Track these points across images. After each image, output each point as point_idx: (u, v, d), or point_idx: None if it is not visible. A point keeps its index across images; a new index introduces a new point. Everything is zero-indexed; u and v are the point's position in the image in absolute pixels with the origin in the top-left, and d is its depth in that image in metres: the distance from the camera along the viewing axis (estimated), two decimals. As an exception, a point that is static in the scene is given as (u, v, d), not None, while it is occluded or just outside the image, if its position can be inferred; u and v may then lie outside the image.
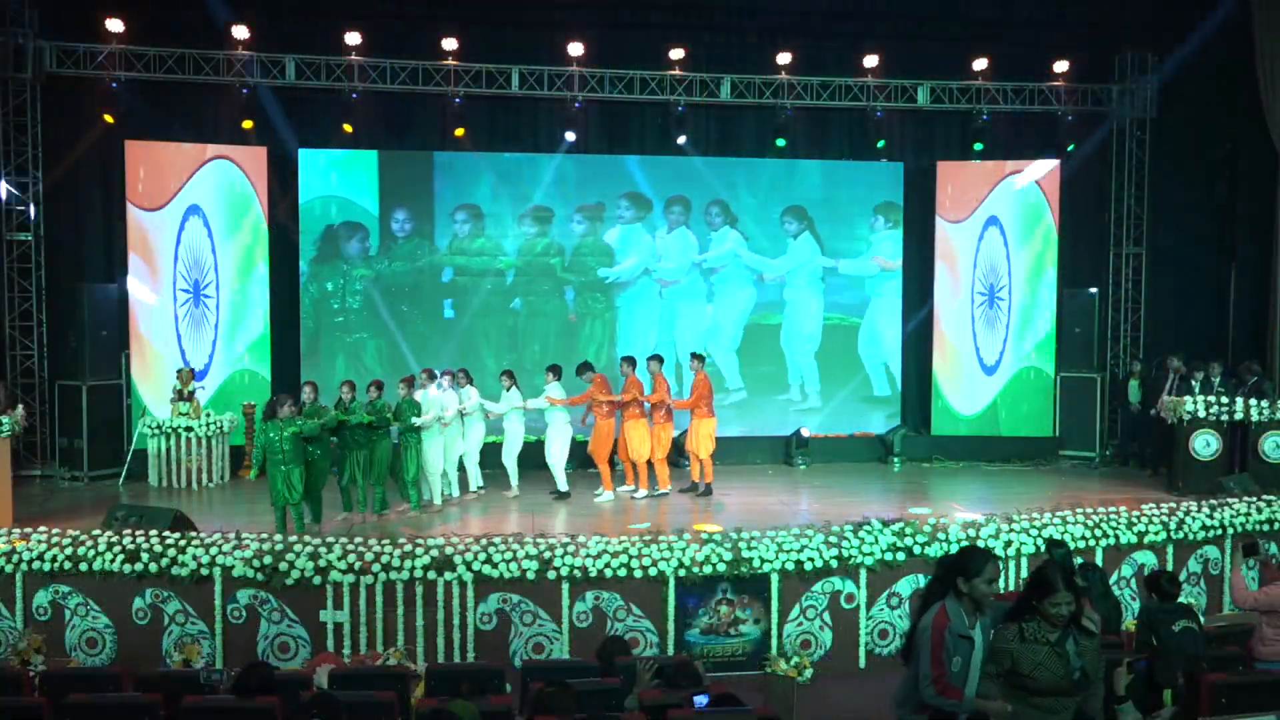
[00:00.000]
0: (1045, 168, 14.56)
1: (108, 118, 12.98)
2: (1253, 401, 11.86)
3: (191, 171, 13.33)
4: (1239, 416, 11.85)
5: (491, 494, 11.91)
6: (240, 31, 13.16)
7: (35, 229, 13.22)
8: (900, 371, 14.95)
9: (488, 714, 5.11)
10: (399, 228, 14.05)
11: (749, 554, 8.14)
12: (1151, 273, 15.07)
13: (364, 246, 14.00)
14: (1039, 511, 9.06)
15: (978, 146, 14.63)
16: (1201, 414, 11.94)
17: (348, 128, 13.57)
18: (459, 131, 13.66)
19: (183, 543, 8.02)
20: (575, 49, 13.72)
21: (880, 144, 14.58)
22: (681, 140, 14.20)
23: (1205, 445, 11.94)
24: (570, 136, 14.00)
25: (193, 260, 13.40)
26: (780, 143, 14.42)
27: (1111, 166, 15.07)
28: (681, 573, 8.03)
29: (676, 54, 13.99)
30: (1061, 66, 14.44)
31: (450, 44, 13.57)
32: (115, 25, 12.97)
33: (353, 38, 13.36)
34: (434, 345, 13.99)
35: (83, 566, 7.90)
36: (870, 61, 14.29)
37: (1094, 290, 14.82)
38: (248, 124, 13.33)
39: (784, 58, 14.17)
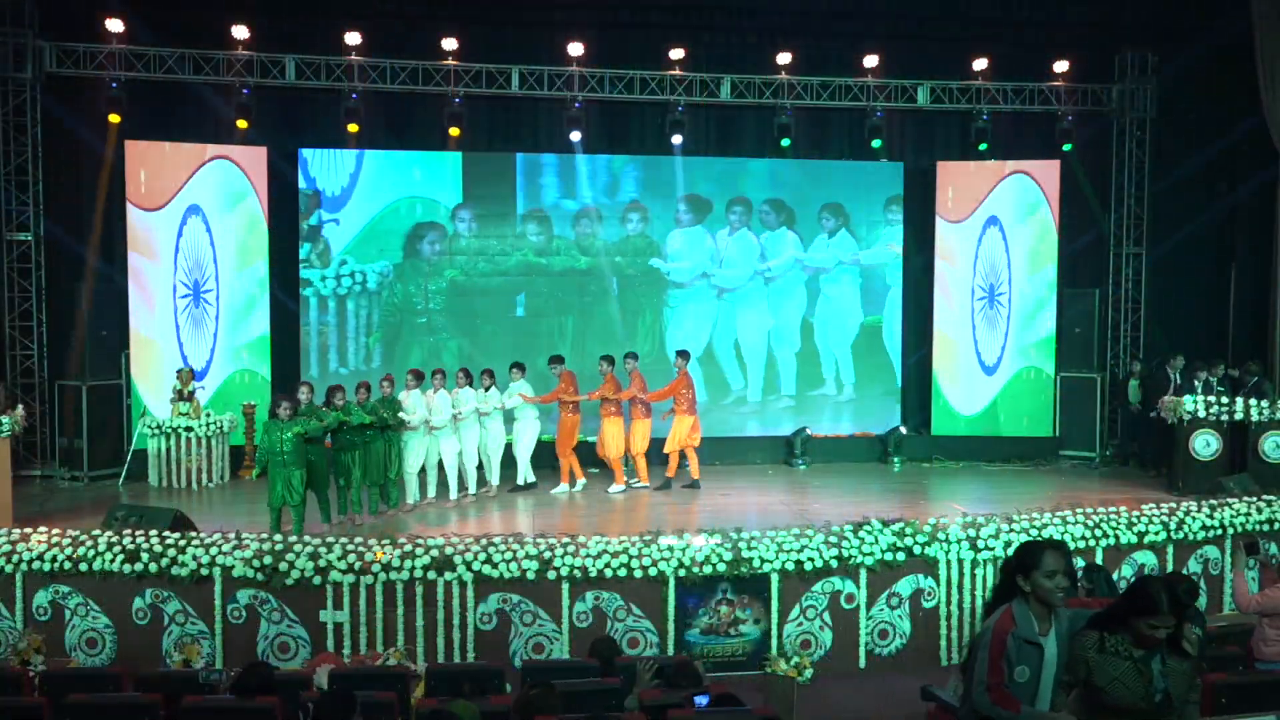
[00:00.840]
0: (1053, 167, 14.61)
1: (114, 117, 12.98)
2: (1253, 401, 11.87)
3: (191, 171, 13.32)
4: (1239, 416, 11.86)
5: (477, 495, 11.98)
6: (240, 31, 13.17)
7: (35, 229, 13.23)
8: (900, 372, 14.98)
9: (488, 714, 5.11)
10: (466, 227, 14.15)
11: (749, 554, 8.14)
12: (1151, 273, 15.07)
13: (440, 247, 14.11)
14: (1039, 511, 9.07)
15: (983, 147, 14.62)
16: (1201, 414, 11.95)
17: (353, 128, 13.57)
18: (454, 131, 13.69)
19: (183, 543, 8.02)
20: (575, 49, 13.73)
21: (876, 144, 14.57)
22: (677, 140, 14.21)
23: (1205, 445, 11.95)
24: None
25: (193, 260, 13.40)
26: (785, 143, 14.44)
27: (1111, 166, 15.08)
28: (681, 573, 8.04)
29: (676, 54, 14.00)
30: (1061, 66, 14.44)
31: (450, 44, 13.59)
32: (115, 25, 12.98)
33: (353, 38, 13.36)
34: (502, 343, 14.02)
35: (83, 566, 7.90)
36: (870, 61, 14.30)
37: (1094, 290, 14.85)
38: (242, 124, 13.34)
39: (784, 58, 14.18)
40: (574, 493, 12.16)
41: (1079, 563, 7.95)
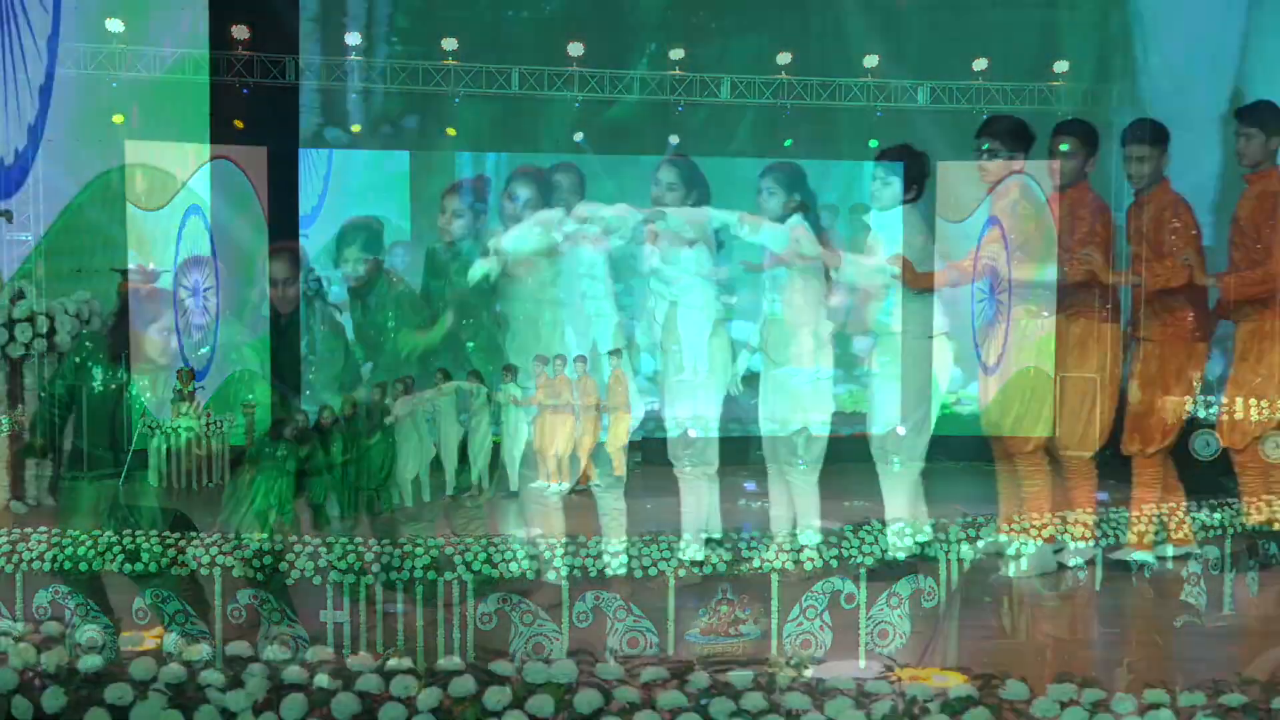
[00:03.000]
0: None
1: (117, 118, 12.98)
2: (1253, 401, 11.84)
3: (192, 171, 13.30)
4: (1239, 416, 11.83)
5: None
6: (240, 31, 13.16)
7: (35, 228, 13.20)
8: (900, 371, 14.93)
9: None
10: (417, 231, 14.10)
11: (749, 554, 8.14)
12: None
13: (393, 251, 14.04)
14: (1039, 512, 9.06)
15: (986, 146, 14.57)
16: (1201, 414, 11.92)
17: (356, 128, 13.58)
18: (450, 131, 13.71)
19: (183, 543, 8.01)
20: (575, 49, 13.73)
21: (873, 144, 14.54)
22: (674, 140, 14.20)
23: (1205, 445, 11.92)
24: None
25: (193, 260, 13.37)
26: (788, 143, 14.44)
27: (1112, 166, 15.03)
28: (682, 573, 8.04)
29: (676, 54, 14.00)
30: (1062, 66, 14.44)
31: (450, 44, 13.58)
32: (115, 25, 12.98)
33: (353, 38, 13.37)
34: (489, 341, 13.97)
35: (83, 566, 7.89)
36: (870, 61, 14.30)
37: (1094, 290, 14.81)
38: (239, 124, 13.34)
39: (784, 58, 14.18)
40: (546, 494, 12.14)
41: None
